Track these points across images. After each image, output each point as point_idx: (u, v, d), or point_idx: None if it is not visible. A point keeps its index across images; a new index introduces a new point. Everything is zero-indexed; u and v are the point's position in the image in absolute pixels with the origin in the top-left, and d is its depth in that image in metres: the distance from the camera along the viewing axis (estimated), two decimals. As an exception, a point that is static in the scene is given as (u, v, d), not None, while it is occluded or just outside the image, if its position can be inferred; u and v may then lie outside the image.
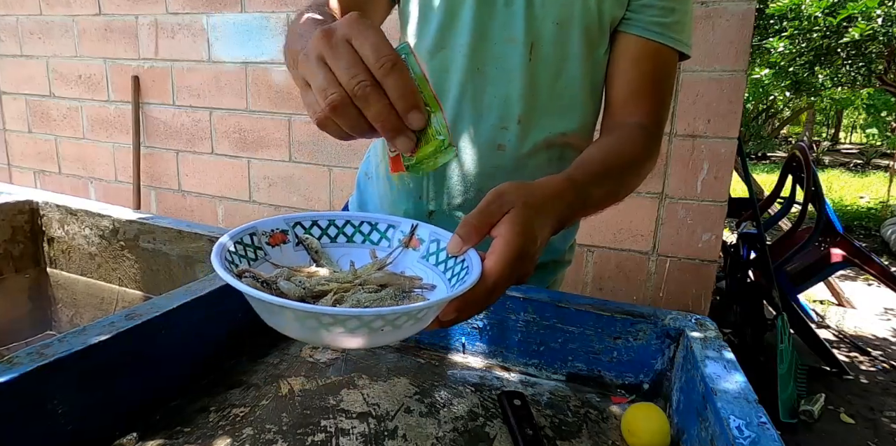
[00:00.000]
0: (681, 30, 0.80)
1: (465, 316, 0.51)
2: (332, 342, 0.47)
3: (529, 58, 0.79)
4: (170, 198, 2.76)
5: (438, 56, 0.82)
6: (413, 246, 0.61)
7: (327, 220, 0.63)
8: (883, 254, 4.96)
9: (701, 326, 0.67)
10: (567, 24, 0.78)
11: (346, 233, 0.63)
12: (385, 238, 0.63)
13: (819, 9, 4.09)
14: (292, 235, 0.61)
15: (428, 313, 0.47)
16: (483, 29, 0.79)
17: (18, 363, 0.51)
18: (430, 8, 0.81)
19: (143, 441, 0.58)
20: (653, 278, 1.97)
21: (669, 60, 0.81)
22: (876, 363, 2.90)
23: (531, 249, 0.52)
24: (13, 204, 1.16)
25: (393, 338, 0.48)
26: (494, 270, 0.50)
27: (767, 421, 0.49)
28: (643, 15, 0.78)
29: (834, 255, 2.70)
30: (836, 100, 9.33)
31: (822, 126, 17.50)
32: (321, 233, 0.62)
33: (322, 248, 0.61)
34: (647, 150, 0.77)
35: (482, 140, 0.83)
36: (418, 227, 0.61)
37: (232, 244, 0.54)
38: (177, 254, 1.01)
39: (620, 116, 0.82)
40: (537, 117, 0.82)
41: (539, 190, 0.57)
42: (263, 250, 0.58)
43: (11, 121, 3.07)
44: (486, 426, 0.62)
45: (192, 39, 2.46)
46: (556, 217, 0.57)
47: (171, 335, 0.64)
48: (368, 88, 0.43)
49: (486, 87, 0.81)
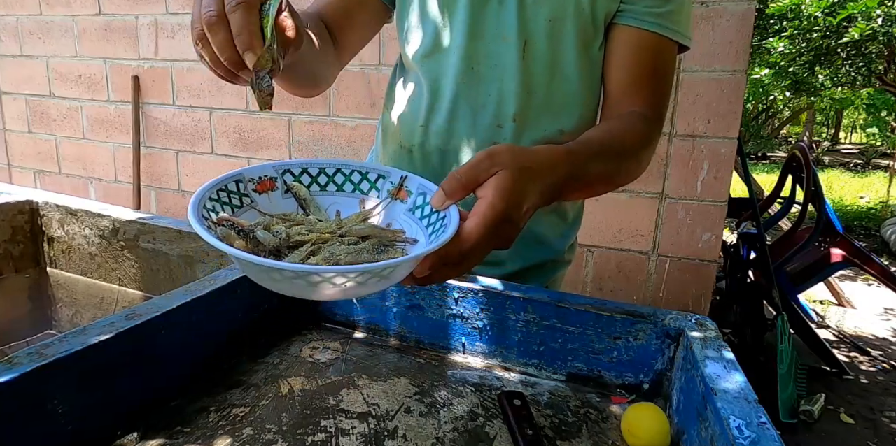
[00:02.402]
0: (677, 20, 0.79)
1: (440, 276, 0.51)
2: (301, 294, 0.47)
3: (523, 55, 0.79)
4: (170, 198, 2.76)
5: (434, 57, 0.82)
6: (401, 198, 0.60)
7: (317, 168, 0.62)
8: (883, 254, 4.96)
9: (701, 326, 0.67)
10: (560, 20, 0.78)
11: (337, 182, 0.62)
12: (375, 188, 0.62)
13: (819, 9, 4.09)
14: (281, 182, 0.60)
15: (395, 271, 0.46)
16: (477, 28, 0.79)
17: (18, 363, 0.51)
18: (426, 11, 0.82)
19: (144, 441, 0.58)
20: (653, 278, 1.97)
21: (667, 51, 0.80)
22: (876, 363, 2.90)
23: (515, 215, 0.51)
24: (13, 204, 1.16)
25: (363, 292, 0.48)
26: (473, 232, 0.49)
27: (767, 421, 0.49)
28: (637, 6, 0.78)
29: (834, 255, 2.70)
30: (836, 100, 9.33)
31: (822, 126, 17.50)
32: (311, 181, 0.61)
33: (311, 196, 0.60)
34: (646, 137, 0.76)
35: (478, 139, 0.83)
36: (407, 179, 0.60)
37: (215, 192, 0.53)
38: (177, 254, 1.01)
39: (619, 107, 0.81)
40: (533, 115, 0.82)
41: (534, 155, 0.56)
42: (250, 197, 0.57)
43: (11, 122, 3.07)
44: (486, 426, 0.62)
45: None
46: (549, 186, 0.56)
47: (171, 335, 0.64)
48: (214, 19, 0.49)
49: (481, 86, 0.81)
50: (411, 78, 0.88)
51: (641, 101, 0.79)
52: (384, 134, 0.95)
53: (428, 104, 0.85)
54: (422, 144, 0.87)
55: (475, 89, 0.82)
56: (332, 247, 0.51)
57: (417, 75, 0.86)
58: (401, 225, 0.58)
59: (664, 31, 0.78)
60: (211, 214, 0.51)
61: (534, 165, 0.54)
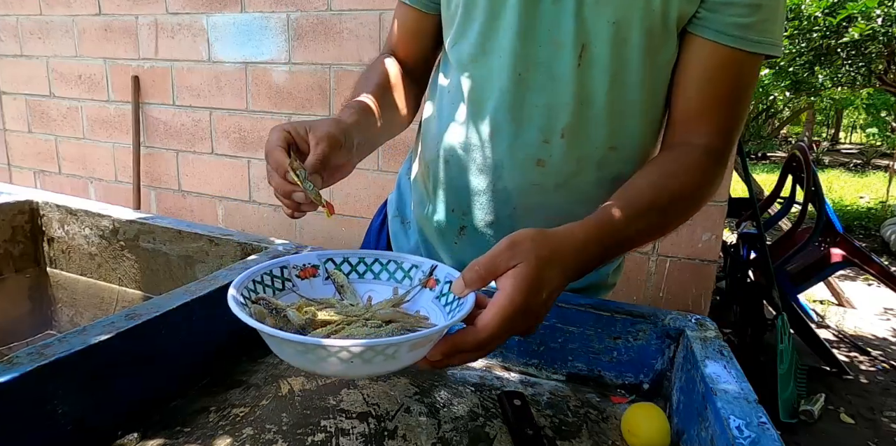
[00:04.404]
0: (768, 29, 0.67)
1: (456, 361, 0.52)
2: (315, 369, 0.51)
3: (578, 63, 0.70)
4: (170, 198, 2.76)
5: (480, 61, 0.75)
6: (430, 286, 0.64)
7: (357, 258, 0.68)
8: (883, 254, 4.96)
9: (701, 326, 0.67)
10: (625, 23, 0.68)
11: (374, 271, 0.68)
12: (408, 277, 0.67)
13: (819, 9, 4.09)
14: (323, 270, 0.66)
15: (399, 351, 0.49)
16: (528, 31, 0.70)
17: (18, 363, 0.51)
18: (472, 10, 0.73)
19: (144, 441, 0.58)
20: (653, 278, 1.97)
21: (749, 67, 0.69)
22: (876, 363, 2.90)
23: (534, 305, 0.52)
24: (13, 204, 1.16)
25: (374, 371, 0.52)
26: (489, 324, 0.50)
27: (767, 421, 0.49)
28: (720, 14, 0.66)
29: (834, 255, 2.70)
30: (836, 100, 9.33)
31: (822, 126, 17.50)
32: (350, 269, 0.68)
33: (349, 283, 0.66)
34: (710, 178, 0.69)
35: (521, 155, 0.75)
36: (437, 268, 0.64)
37: (259, 275, 0.61)
38: (177, 254, 1.01)
39: (685, 134, 0.72)
40: (585, 131, 0.73)
41: (558, 242, 0.55)
42: (292, 281, 0.64)
43: (11, 122, 3.07)
44: (486, 426, 0.62)
45: (192, 39, 2.46)
46: (574, 268, 0.56)
47: (171, 335, 0.64)
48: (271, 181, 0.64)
49: (527, 96, 0.73)
50: (454, 83, 0.80)
51: (712, 128, 0.71)
52: (423, 139, 0.88)
53: (468, 114, 0.78)
54: (458, 158, 0.80)
55: (521, 99, 0.73)
56: (353, 328, 0.55)
57: (459, 81, 0.78)
58: (427, 312, 0.62)
59: (748, 45, 0.67)
60: (251, 294, 0.58)
61: (556, 253, 0.54)
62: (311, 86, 2.27)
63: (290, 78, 2.30)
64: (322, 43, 2.21)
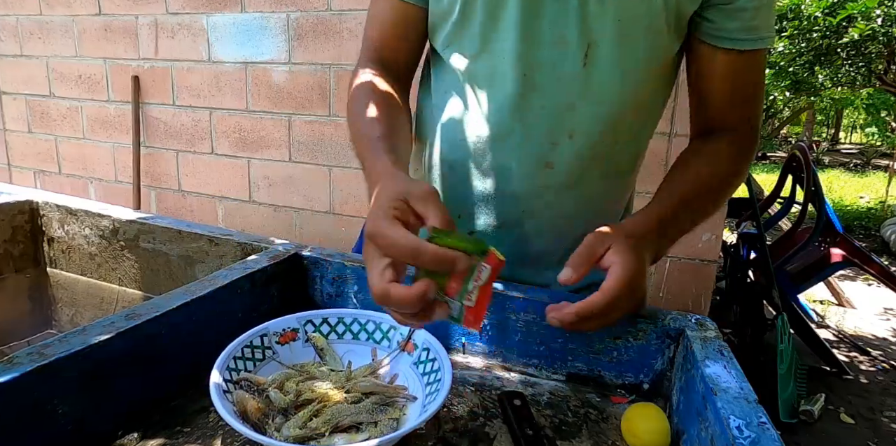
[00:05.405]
0: (768, 24, 0.70)
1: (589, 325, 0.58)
2: None
3: (584, 62, 0.68)
4: (170, 198, 2.76)
5: (481, 63, 0.72)
6: (408, 350, 0.67)
7: (336, 318, 0.70)
8: (883, 254, 4.97)
9: (701, 326, 0.67)
10: (632, 19, 0.67)
11: (353, 331, 0.70)
12: (386, 338, 0.69)
13: (819, 9, 4.09)
14: (302, 332, 0.68)
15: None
16: (530, 30, 0.68)
17: (18, 363, 0.51)
18: (469, 8, 0.71)
19: (144, 441, 0.58)
20: (653, 278, 1.97)
21: (762, 60, 0.74)
22: (876, 363, 2.90)
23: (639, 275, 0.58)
24: (13, 204, 1.16)
25: None
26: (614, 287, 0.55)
27: (767, 421, 0.49)
28: (737, 21, 0.68)
29: (834, 255, 2.70)
30: (836, 100, 9.34)
31: (822, 126, 17.51)
32: (329, 330, 0.70)
33: (328, 346, 0.68)
34: (739, 167, 0.76)
35: (529, 157, 0.74)
36: (414, 332, 0.67)
37: (240, 349, 0.62)
38: (177, 254, 1.01)
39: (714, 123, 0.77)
40: (592, 130, 0.73)
41: (632, 229, 0.62)
42: (272, 349, 0.66)
43: (11, 122, 3.07)
44: (486, 426, 0.62)
45: (192, 39, 2.46)
46: (652, 252, 0.63)
47: (171, 335, 0.64)
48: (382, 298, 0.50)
49: (533, 98, 0.71)
50: (452, 85, 0.77)
51: (739, 117, 0.75)
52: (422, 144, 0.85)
53: (471, 119, 0.75)
54: (463, 163, 0.78)
55: (527, 101, 0.71)
56: (333, 409, 0.57)
57: (458, 83, 0.76)
58: (405, 378, 0.65)
59: (760, 44, 0.70)
60: (232, 375, 0.59)
61: (632, 236, 0.60)
62: (312, 86, 2.27)
63: (291, 78, 2.30)
64: (322, 43, 2.21)
